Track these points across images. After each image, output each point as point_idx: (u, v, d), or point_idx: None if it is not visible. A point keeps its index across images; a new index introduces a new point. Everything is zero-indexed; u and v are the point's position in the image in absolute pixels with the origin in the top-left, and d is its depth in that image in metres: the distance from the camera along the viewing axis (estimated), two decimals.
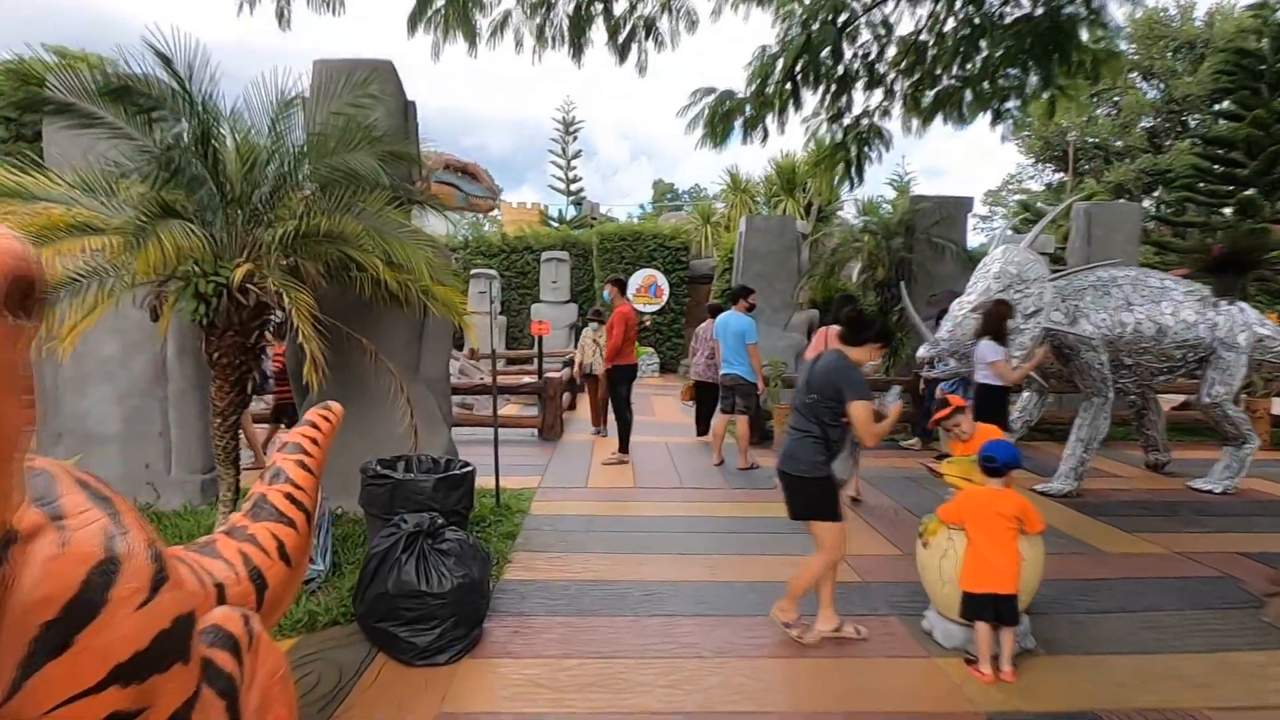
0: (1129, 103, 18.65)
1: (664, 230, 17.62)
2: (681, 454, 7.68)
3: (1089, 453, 6.10)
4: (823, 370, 3.12)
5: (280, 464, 2.52)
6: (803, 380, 3.24)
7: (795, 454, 3.14)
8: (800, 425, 3.14)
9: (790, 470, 3.17)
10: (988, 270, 6.28)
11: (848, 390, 3.01)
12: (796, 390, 3.34)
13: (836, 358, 3.13)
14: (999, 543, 2.96)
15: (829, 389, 3.06)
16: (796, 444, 3.15)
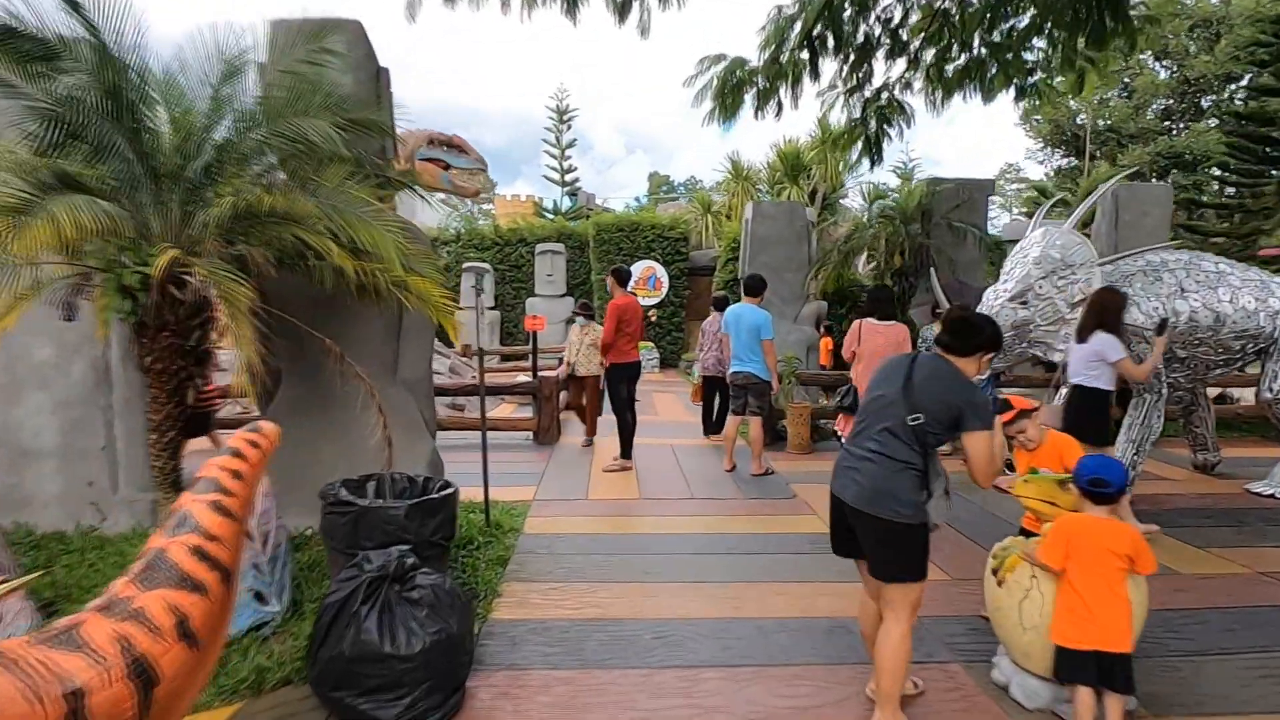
0: (1142, 84, 18.06)
1: (662, 220, 17.01)
2: (689, 458, 7.10)
3: (1141, 455, 5.54)
4: (934, 384, 2.38)
5: (188, 508, 1.92)
6: (893, 391, 2.42)
7: (890, 490, 2.34)
8: (895, 452, 2.35)
9: (881, 512, 2.34)
10: (1026, 255, 5.70)
11: (972, 416, 2.33)
12: (879, 402, 2.47)
13: (948, 369, 2.44)
14: (1107, 587, 2.38)
15: (944, 411, 2.34)
16: (891, 478, 2.35)
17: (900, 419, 2.38)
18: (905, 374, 2.44)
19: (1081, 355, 4.61)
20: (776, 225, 9.41)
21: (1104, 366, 4.52)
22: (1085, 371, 4.58)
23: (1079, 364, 4.64)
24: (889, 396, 2.44)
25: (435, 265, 4.23)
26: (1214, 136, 16.70)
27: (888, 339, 5.61)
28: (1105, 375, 4.54)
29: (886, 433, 2.40)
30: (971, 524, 4.93)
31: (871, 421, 2.47)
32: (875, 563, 2.50)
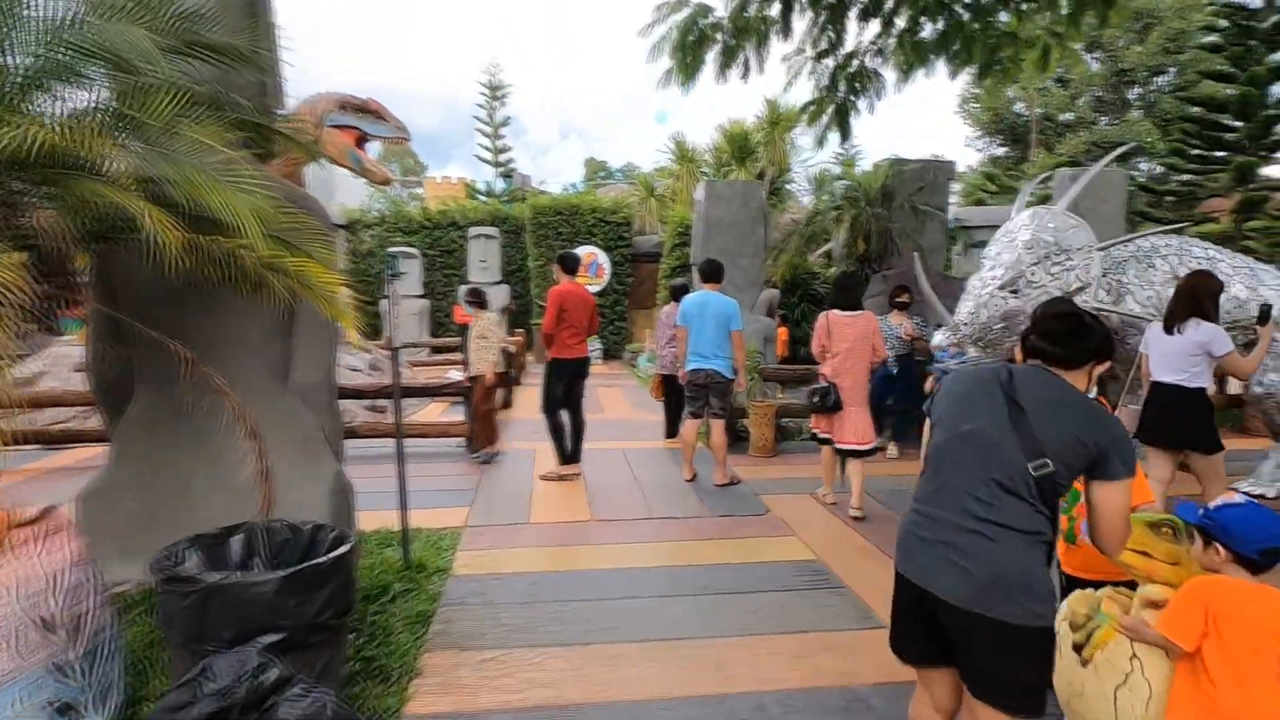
0: (1079, 73, 18.36)
1: (603, 204, 16.12)
2: (645, 465, 6.34)
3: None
4: (1061, 414, 1.64)
5: None
6: (992, 425, 1.67)
7: (1019, 578, 1.60)
8: (1016, 518, 1.61)
9: (1007, 613, 1.59)
10: (1014, 239, 5.18)
11: (1117, 459, 1.61)
12: (972, 442, 1.70)
13: (1075, 392, 1.71)
14: (1262, 682, 1.74)
15: (1078, 453, 1.60)
16: (1017, 558, 1.61)
17: (1018, 467, 1.62)
18: (1005, 398, 1.69)
19: (1178, 349, 3.94)
20: (730, 207, 8.72)
21: (1206, 361, 3.90)
22: (1185, 368, 3.93)
23: (1176, 359, 3.96)
24: (988, 434, 1.68)
25: (329, 243, 3.30)
26: (1144, 126, 17.17)
27: (856, 331, 4.99)
28: (1206, 372, 3.93)
29: (997, 489, 1.63)
30: None
31: (964, 472, 1.70)
32: (983, 681, 1.72)
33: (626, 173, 43.28)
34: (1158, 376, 4.10)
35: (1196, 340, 3.90)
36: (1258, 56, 9.51)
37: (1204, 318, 3.94)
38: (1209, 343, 3.88)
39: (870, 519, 4.87)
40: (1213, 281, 4.04)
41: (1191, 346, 3.92)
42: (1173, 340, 4.01)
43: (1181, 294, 4.05)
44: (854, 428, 5.00)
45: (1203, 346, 3.89)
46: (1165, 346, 4.06)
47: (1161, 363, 4.08)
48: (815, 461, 6.21)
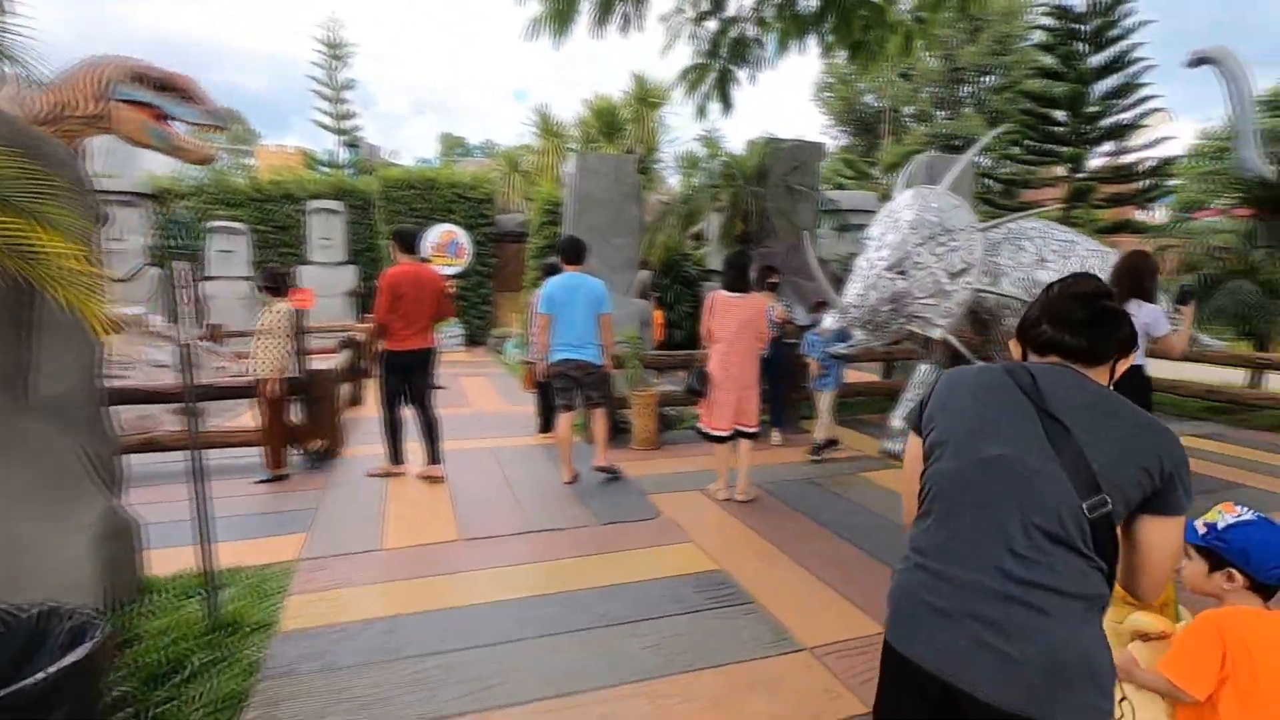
0: (920, 69, 19.63)
1: (463, 179, 14.96)
2: (517, 465, 5.68)
3: None
4: (1114, 431, 1.23)
5: None
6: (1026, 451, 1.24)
7: (1084, 665, 1.16)
8: (1068, 579, 1.18)
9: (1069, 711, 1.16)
10: (898, 219, 5.05)
11: (1182, 488, 1.21)
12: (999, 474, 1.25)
13: (1119, 398, 1.29)
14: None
15: (1139, 482, 1.19)
16: (1078, 635, 1.17)
17: (1068, 507, 1.18)
18: (1036, 410, 1.26)
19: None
20: (603, 182, 8.16)
21: (1145, 341, 3.83)
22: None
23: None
24: (1023, 461, 1.23)
25: (80, 207, 2.38)
26: (977, 121, 18.69)
27: (743, 313, 4.67)
28: (1141, 351, 3.89)
29: (1041, 538, 1.18)
30: (862, 531, 4.15)
31: (991, 515, 1.23)
32: None
33: (486, 150, 41.46)
34: None
35: (1141, 321, 3.82)
36: (1083, 55, 10.43)
37: (1144, 298, 3.91)
38: (1151, 324, 3.84)
39: (761, 510, 4.58)
40: (1151, 261, 4.04)
41: (1136, 326, 3.89)
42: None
43: (1122, 274, 4.01)
44: (739, 410, 4.69)
45: (1145, 327, 3.82)
46: None
47: None
48: (702, 452, 5.88)
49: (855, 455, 6.08)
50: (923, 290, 4.91)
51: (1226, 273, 7.63)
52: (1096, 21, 10.30)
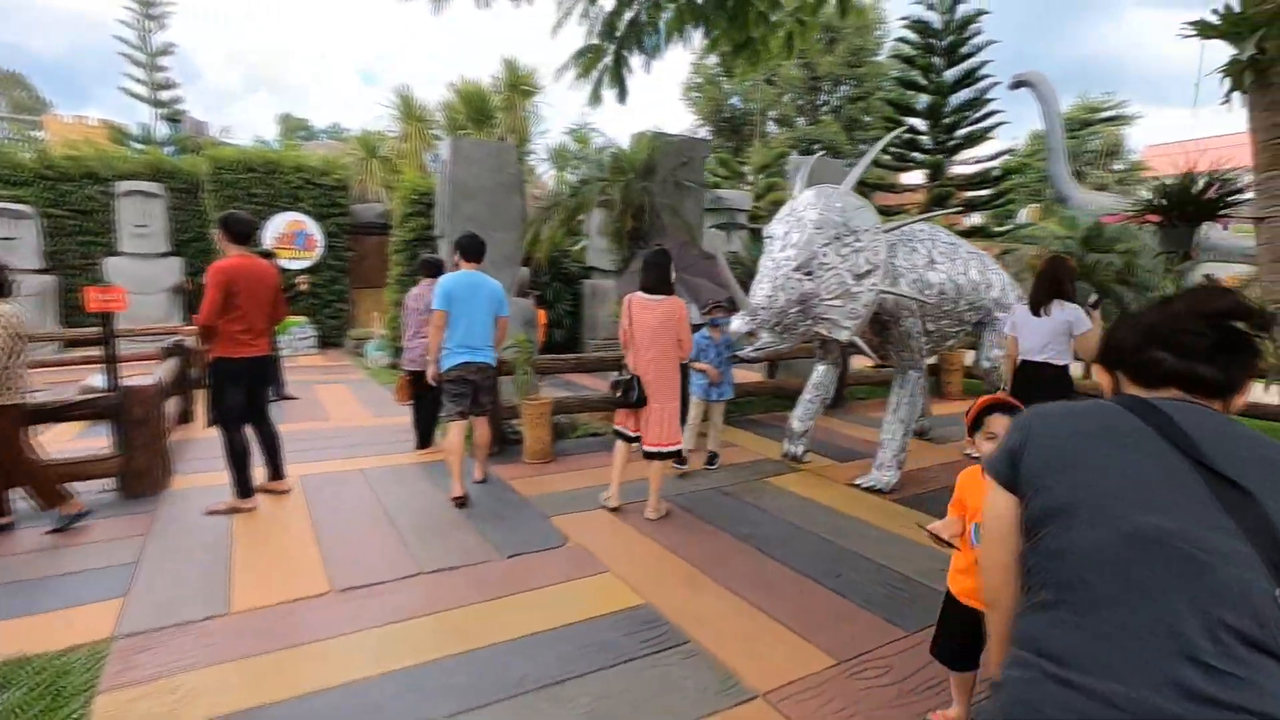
0: (783, 75, 20.38)
1: (311, 162, 13.43)
2: (394, 489, 4.96)
3: (909, 436, 5.29)
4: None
5: None
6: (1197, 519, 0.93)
7: None
8: (1268, 697, 0.86)
9: None
10: (801, 218, 4.93)
11: None
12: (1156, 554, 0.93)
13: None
14: None
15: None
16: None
17: (1264, 600, 0.90)
18: (1195, 467, 0.97)
19: (1049, 329, 4.13)
20: (482, 170, 7.50)
21: (1069, 339, 4.10)
22: (1053, 346, 4.14)
23: (1046, 338, 4.15)
24: (1195, 538, 0.93)
25: None
26: (835, 127, 19.74)
27: (658, 317, 4.33)
28: (1068, 349, 4.16)
29: (1232, 641, 0.89)
30: (782, 543, 3.94)
31: (1158, 609, 0.93)
32: None
33: (334, 134, 38.44)
34: (1028, 356, 4.28)
35: (1064, 320, 4.10)
36: (940, 69, 11.18)
37: (1065, 298, 4.15)
38: (1076, 323, 4.10)
39: (675, 527, 4.27)
40: (1069, 264, 4.27)
41: (1060, 325, 4.14)
42: (1042, 321, 4.19)
43: (1044, 278, 4.23)
44: (657, 427, 4.35)
45: (1068, 325, 4.10)
46: (1035, 327, 4.23)
47: (1032, 343, 4.24)
48: (601, 463, 5.49)
49: (758, 458, 5.95)
50: (829, 291, 4.81)
51: None
52: (950, 38, 11.08)
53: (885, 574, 3.66)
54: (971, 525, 2.28)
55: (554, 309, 11.43)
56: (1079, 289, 8.31)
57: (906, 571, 3.70)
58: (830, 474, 5.56)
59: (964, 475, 2.34)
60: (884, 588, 3.50)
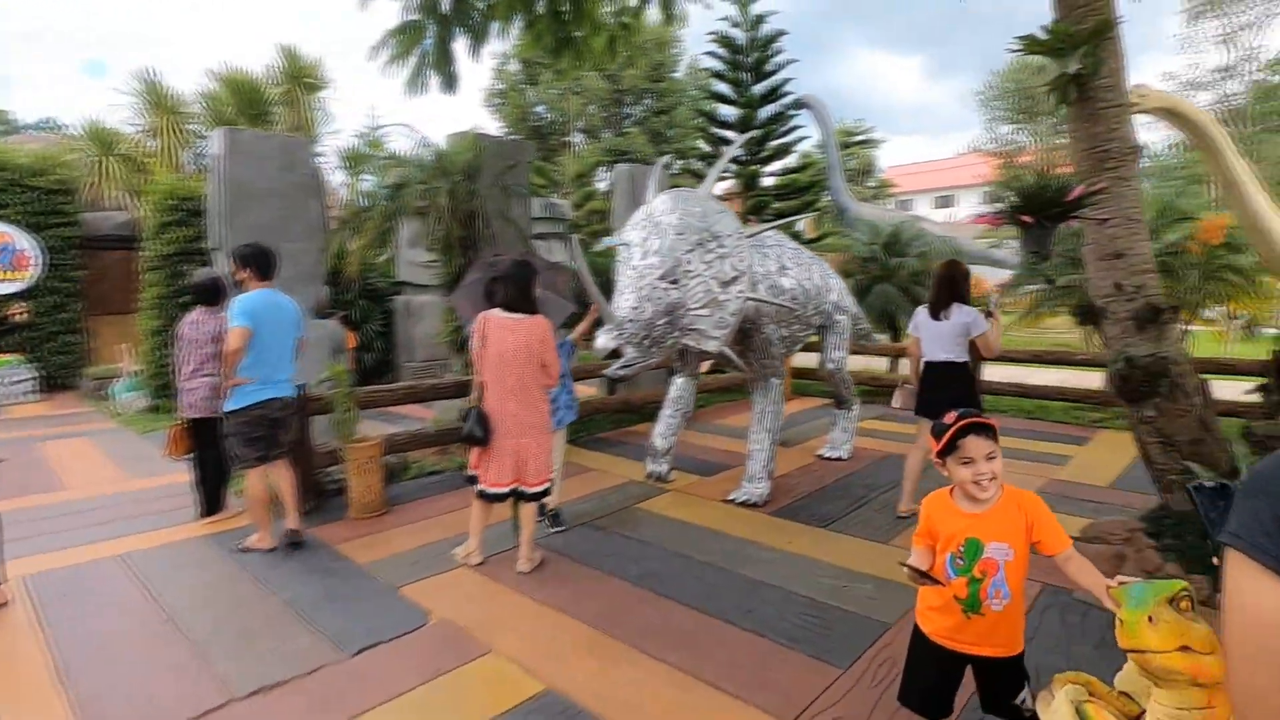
0: (588, 86, 20.30)
1: (17, 159, 10.60)
2: (175, 577, 3.77)
3: (776, 444, 5.18)
4: None
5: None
6: None
7: None
8: None
9: None
10: (660, 224, 4.61)
11: None
12: None
13: None
14: None
15: None
16: None
17: None
18: None
19: (950, 331, 4.31)
20: (266, 168, 6.26)
21: (967, 340, 4.29)
22: (954, 347, 4.32)
23: (947, 340, 4.32)
24: None
25: None
26: (641, 139, 20.10)
27: (519, 339, 3.73)
28: (966, 348, 4.33)
29: None
30: (677, 580, 3.55)
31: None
32: None
33: (47, 127, 31.82)
34: (932, 357, 4.40)
35: (963, 322, 4.26)
36: (748, 84, 11.69)
37: (962, 301, 4.31)
38: (973, 324, 4.24)
39: (556, 579, 3.71)
40: (963, 268, 4.42)
41: (959, 328, 4.27)
42: (942, 324, 4.32)
43: (943, 282, 4.35)
44: (529, 462, 3.73)
45: (967, 327, 4.25)
46: (936, 330, 4.36)
47: (935, 344, 4.37)
48: (447, 507, 4.76)
49: (621, 482, 5.53)
50: (696, 301, 4.53)
51: (872, 278, 9.07)
52: (755, 54, 11.65)
53: (793, 602, 3.41)
54: (945, 556, 2.02)
55: (362, 330, 10.12)
56: (885, 291, 9.13)
57: (812, 594, 3.48)
58: (700, 491, 5.30)
59: (932, 502, 2.08)
60: (798, 618, 3.24)
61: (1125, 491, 5.05)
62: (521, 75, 21.34)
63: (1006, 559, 1.93)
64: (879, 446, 6.48)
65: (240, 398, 3.90)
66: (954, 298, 4.31)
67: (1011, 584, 1.94)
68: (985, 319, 4.22)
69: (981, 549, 1.96)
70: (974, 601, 1.97)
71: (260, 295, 3.86)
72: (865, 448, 6.42)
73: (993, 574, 1.94)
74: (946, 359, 4.34)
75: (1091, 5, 3.68)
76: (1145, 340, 3.65)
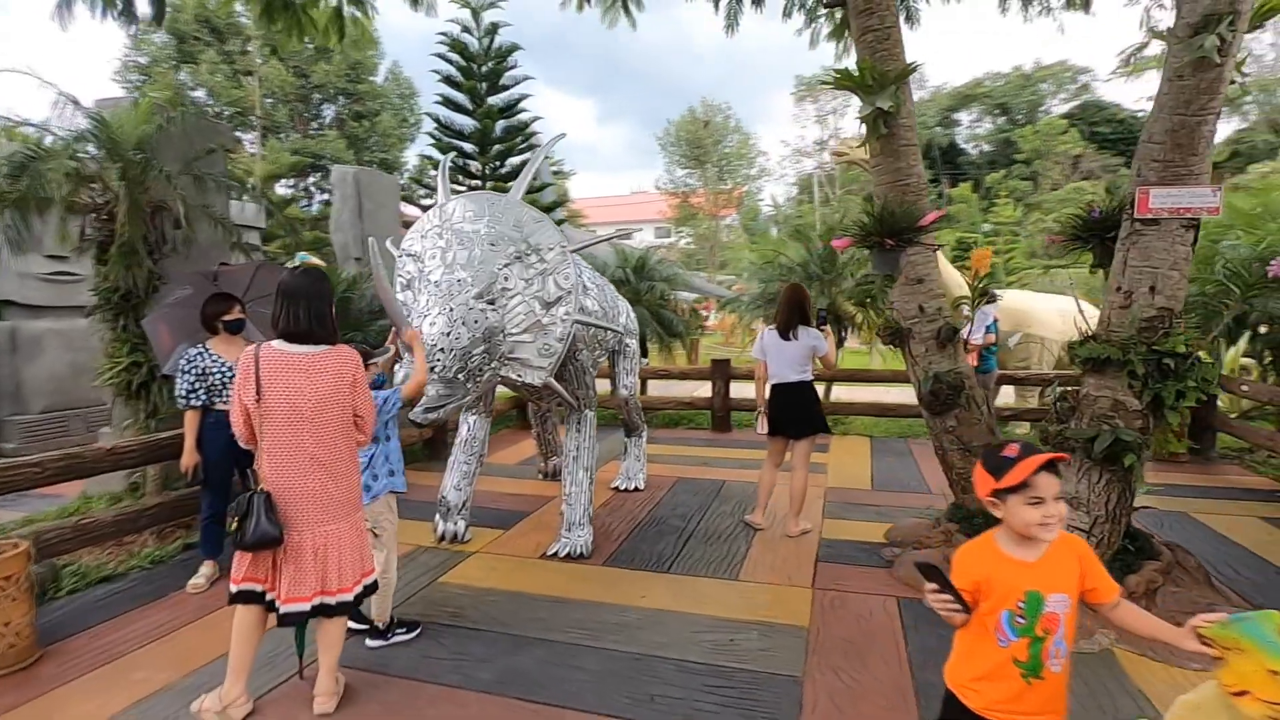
0: (270, 76, 16.92)
1: None
2: None
3: (593, 485, 4.61)
4: None
5: None
6: None
7: None
8: None
9: None
10: (464, 232, 3.82)
11: None
12: None
13: None
14: None
15: None
16: None
17: None
18: None
19: (798, 352, 4.40)
20: None
21: (812, 359, 4.44)
22: (802, 366, 4.41)
23: (797, 360, 4.39)
24: None
25: None
26: (340, 144, 17.64)
27: (320, 381, 2.60)
28: (810, 368, 4.46)
29: None
30: (529, 673, 2.81)
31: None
32: None
33: None
34: (783, 379, 4.41)
35: (809, 344, 4.39)
36: (484, 94, 10.88)
37: (807, 323, 4.43)
38: (818, 345, 4.41)
39: (370, 710, 2.67)
40: (805, 291, 4.56)
41: (805, 349, 4.38)
42: (790, 345, 4.39)
43: (790, 305, 4.42)
44: (334, 561, 2.60)
45: (812, 348, 4.40)
46: (785, 351, 4.40)
47: (784, 365, 4.40)
48: (140, 633, 3.29)
49: (407, 550, 4.42)
50: (517, 325, 3.81)
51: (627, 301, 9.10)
52: (491, 64, 10.94)
53: (693, 674, 2.92)
54: (1001, 614, 1.75)
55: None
56: (639, 314, 9.22)
57: (705, 659, 3.04)
58: (506, 548, 4.50)
59: (974, 553, 1.79)
60: (710, 695, 2.76)
61: (889, 492, 5.64)
62: (173, 49, 17.17)
63: (1065, 611, 1.73)
64: (664, 471, 6.35)
65: None
66: (802, 320, 4.40)
67: (1069, 639, 1.75)
68: (824, 339, 4.38)
69: (1043, 603, 1.72)
70: (1035, 664, 1.72)
71: None
72: (652, 474, 6.22)
73: (1054, 631, 1.72)
74: (798, 379, 4.39)
75: (891, 52, 4.00)
76: (945, 358, 4.03)
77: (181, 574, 3.98)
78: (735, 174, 35.97)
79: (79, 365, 7.72)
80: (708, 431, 8.43)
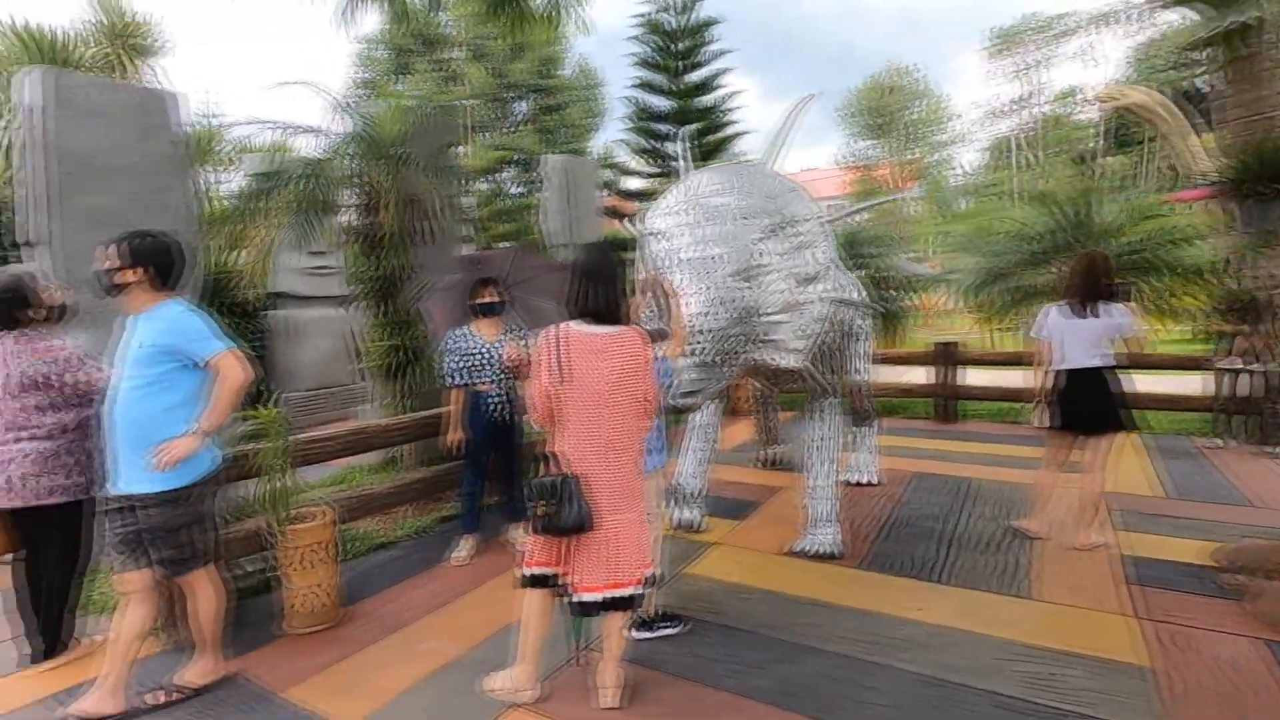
0: (472, 80, 18.44)
1: None
2: None
3: (839, 481, 4.25)
4: None
5: None
6: None
7: None
8: None
9: None
10: (713, 206, 3.56)
11: None
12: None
13: None
14: None
15: None
16: None
17: None
18: None
19: (1098, 332, 3.73)
20: (117, 132, 4.43)
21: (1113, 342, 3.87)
22: (1104, 350, 3.78)
23: (1095, 342, 3.74)
24: None
25: None
26: (532, 137, 18.67)
27: (614, 363, 2.42)
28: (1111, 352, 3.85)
29: None
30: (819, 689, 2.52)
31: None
32: None
33: None
34: (1076, 363, 3.84)
35: (1113, 322, 3.78)
36: (682, 73, 10.84)
37: (1108, 297, 3.82)
38: (1122, 323, 3.80)
39: (651, 708, 2.52)
40: (1107, 260, 3.91)
41: (1109, 328, 3.80)
42: (1087, 323, 3.82)
43: (1090, 275, 3.78)
44: (624, 552, 2.48)
45: (1117, 326, 3.79)
46: (1081, 331, 3.83)
47: (1078, 348, 3.83)
48: (421, 604, 3.40)
49: None
50: (772, 304, 3.52)
51: None
52: (687, 42, 10.83)
53: (1016, 713, 2.47)
54: None
55: None
56: None
57: (1032, 698, 2.56)
58: (745, 541, 4.27)
59: None
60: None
61: (1193, 502, 4.66)
62: (391, 63, 19.15)
63: None
64: (895, 465, 5.78)
65: (197, 465, 2.59)
66: (1102, 291, 3.67)
67: None
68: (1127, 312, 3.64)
69: None
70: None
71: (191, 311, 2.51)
72: (883, 467, 5.67)
73: None
74: (1096, 365, 3.68)
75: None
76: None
77: (440, 545, 4.20)
78: (924, 141, 33.06)
79: (333, 350, 8.74)
80: (929, 421, 7.67)
